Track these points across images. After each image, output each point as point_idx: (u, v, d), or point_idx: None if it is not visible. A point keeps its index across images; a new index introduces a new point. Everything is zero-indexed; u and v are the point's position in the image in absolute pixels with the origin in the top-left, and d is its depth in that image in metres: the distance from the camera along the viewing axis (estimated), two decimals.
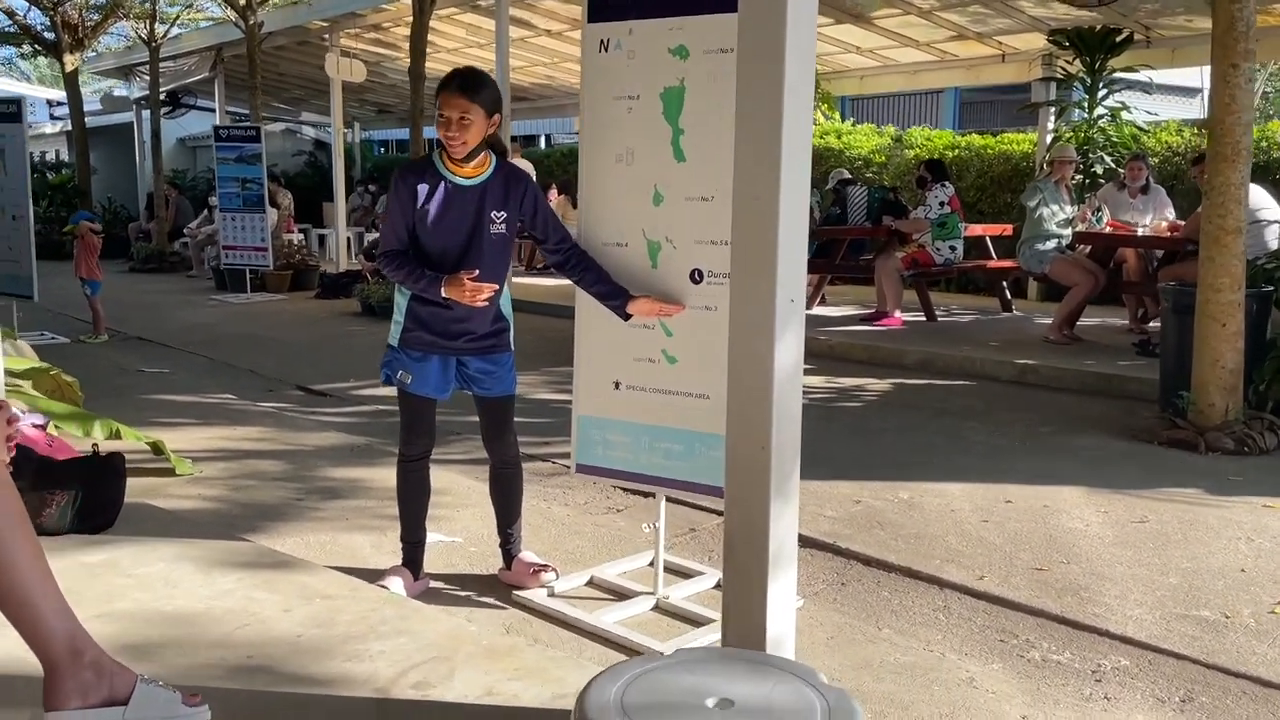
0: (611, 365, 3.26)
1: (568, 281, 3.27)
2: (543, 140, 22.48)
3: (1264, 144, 10.02)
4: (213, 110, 17.52)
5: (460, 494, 4.32)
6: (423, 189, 3.06)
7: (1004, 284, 9.77)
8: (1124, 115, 10.26)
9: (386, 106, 19.18)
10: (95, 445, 3.55)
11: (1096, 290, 7.77)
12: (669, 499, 3.45)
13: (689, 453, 3.13)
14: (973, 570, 3.58)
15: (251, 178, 11.63)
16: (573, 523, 4.07)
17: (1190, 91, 22.27)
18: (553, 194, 14.45)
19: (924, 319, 8.98)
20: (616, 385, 3.25)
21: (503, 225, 3.13)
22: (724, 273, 3.01)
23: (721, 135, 2.98)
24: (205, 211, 14.79)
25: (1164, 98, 17.43)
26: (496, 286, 3.09)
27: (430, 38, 11.23)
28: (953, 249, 8.90)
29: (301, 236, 15.76)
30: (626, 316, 3.13)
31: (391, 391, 3.27)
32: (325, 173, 20.08)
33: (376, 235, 14.30)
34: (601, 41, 3.16)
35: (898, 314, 8.74)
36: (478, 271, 3.03)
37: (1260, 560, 3.67)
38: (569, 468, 3.41)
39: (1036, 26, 10.21)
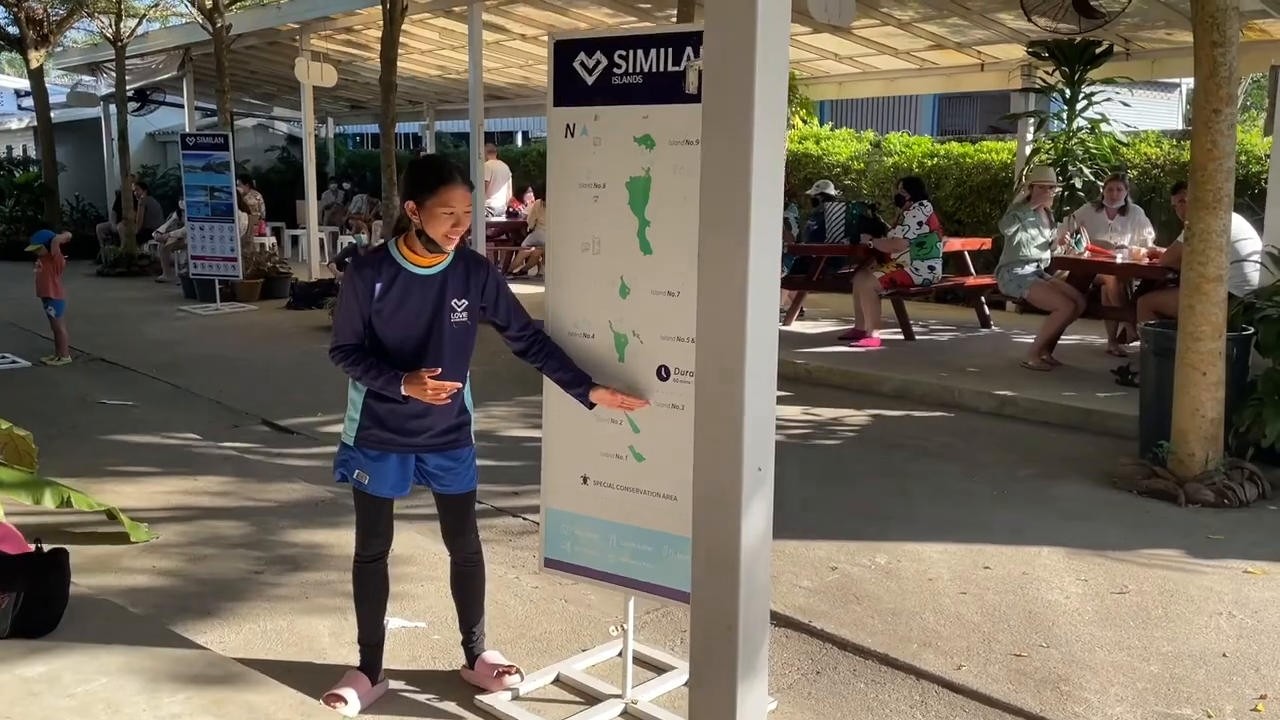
0: (579, 458, 3.14)
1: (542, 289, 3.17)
2: (519, 138, 22.24)
3: (1242, 157, 9.97)
4: (182, 106, 17.21)
5: (426, 563, 4.19)
6: (379, 283, 2.91)
7: (982, 299, 9.70)
8: (1103, 127, 10.20)
9: (360, 103, 18.90)
10: (39, 540, 3.40)
11: (1076, 316, 7.70)
12: None
13: (657, 554, 3.02)
14: (951, 657, 3.49)
15: (220, 186, 11.39)
16: (541, 599, 3.94)
17: (1168, 87, 22.26)
18: (529, 198, 14.28)
19: (902, 337, 8.90)
20: (584, 480, 3.13)
21: (464, 314, 2.99)
22: (691, 371, 2.89)
23: (687, 229, 2.85)
24: (175, 215, 14.52)
25: (1141, 93, 17.40)
26: (459, 385, 2.96)
27: (403, 39, 11.02)
28: (931, 269, 8.81)
29: (273, 240, 15.53)
30: (591, 405, 3.02)
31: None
32: (299, 168, 19.75)
33: (349, 240, 14.08)
34: (568, 126, 3.02)
35: (876, 334, 8.66)
36: (440, 370, 2.89)
37: (1242, 642, 3.59)
38: (538, 524, 3.28)
39: (1016, 38, 10.11)
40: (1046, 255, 7.96)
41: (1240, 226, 6.67)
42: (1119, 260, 7.58)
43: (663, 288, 2.92)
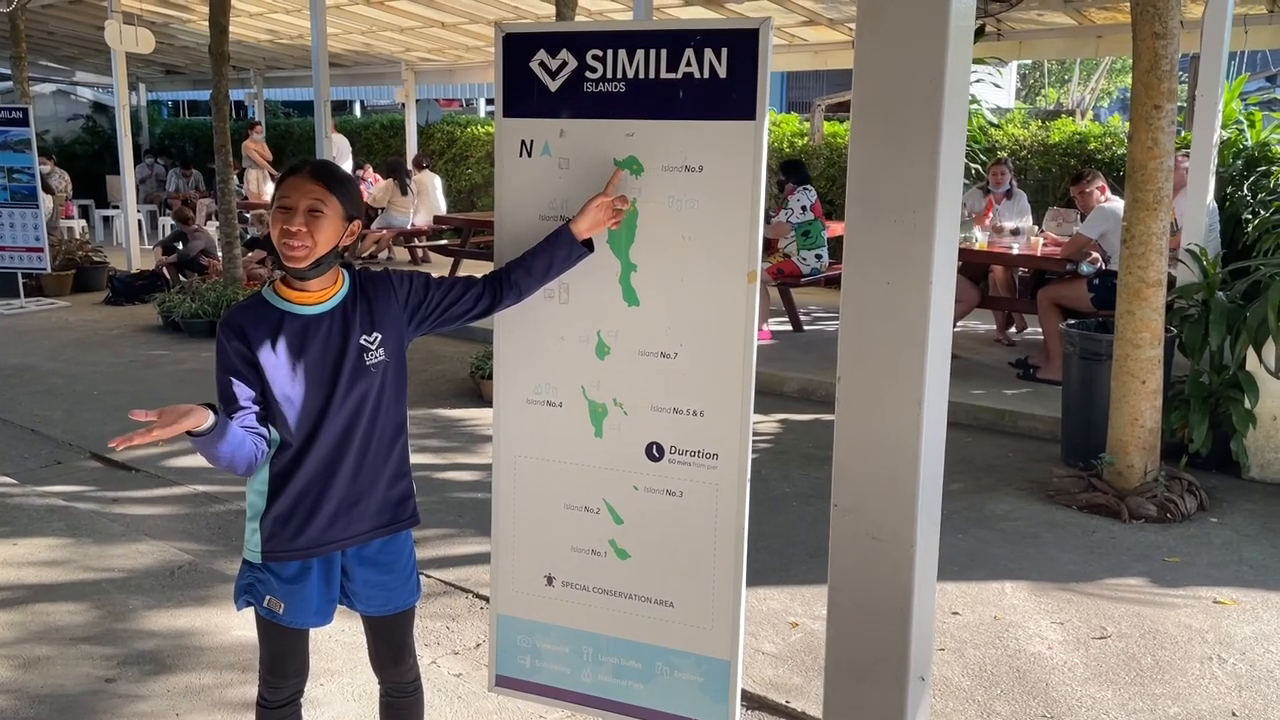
0: (542, 554, 2.54)
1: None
2: (356, 108, 20.89)
3: (1108, 140, 10.10)
4: None
5: (326, 651, 3.48)
6: (260, 337, 2.19)
7: None
8: (972, 108, 10.14)
9: (176, 68, 17.24)
10: None
11: (972, 308, 7.52)
12: None
13: (648, 672, 2.46)
14: None
15: (20, 167, 9.97)
16: (470, 694, 3.32)
17: (1000, 62, 22.87)
18: (375, 178, 13.25)
19: (791, 329, 8.56)
20: (549, 580, 2.54)
21: (380, 350, 2.26)
22: (692, 449, 2.34)
23: (688, 276, 2.30)
24: None
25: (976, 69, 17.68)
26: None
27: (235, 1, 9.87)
28: (818, 257, 8.48)
29: (83, 223, 13.97)
30: (585, 248, 2.33)
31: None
32: (106, 139, 18.02)
33: (174, 225, 12.75)
34: (522, 143, 2.38)
35: (766, 327, 8.29)
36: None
37: (1244, 694, 3.33)
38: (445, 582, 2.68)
39: None
40: None
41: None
42: (1015, 249, 7.42)
43: (654, 348, 2.34)
